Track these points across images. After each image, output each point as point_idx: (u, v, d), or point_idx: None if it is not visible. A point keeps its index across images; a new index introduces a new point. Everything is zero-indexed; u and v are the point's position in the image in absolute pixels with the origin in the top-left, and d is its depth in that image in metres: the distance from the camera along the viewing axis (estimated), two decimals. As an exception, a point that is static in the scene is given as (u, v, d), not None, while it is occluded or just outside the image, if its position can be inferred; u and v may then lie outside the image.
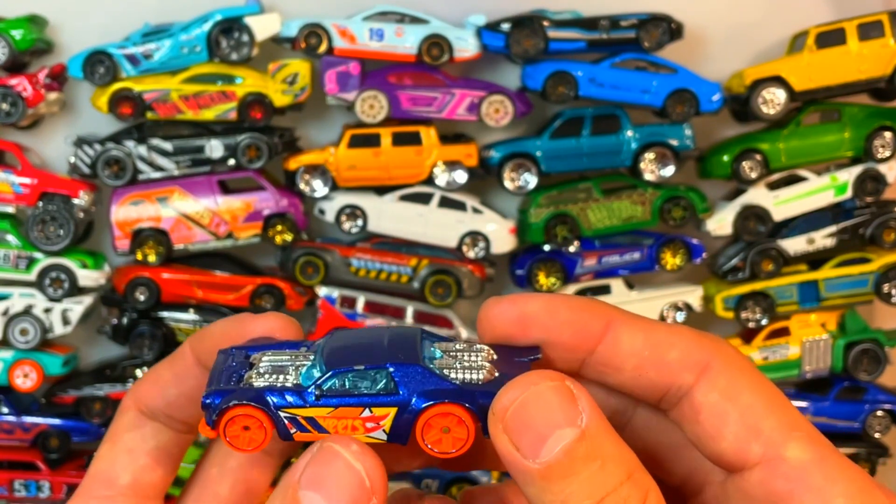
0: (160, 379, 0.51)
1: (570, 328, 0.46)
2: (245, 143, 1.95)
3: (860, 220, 2.06)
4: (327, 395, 0.44)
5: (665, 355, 0.45)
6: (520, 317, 0.46)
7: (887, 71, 1.98)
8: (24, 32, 1.88)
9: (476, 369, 0.46)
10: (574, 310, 0.46)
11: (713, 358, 0.46)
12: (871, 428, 2.10)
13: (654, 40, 1.96)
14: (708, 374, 0.45)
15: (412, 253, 2.03)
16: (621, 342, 0.46)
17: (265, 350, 0.49)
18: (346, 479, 0.40)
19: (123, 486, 0.48)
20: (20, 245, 1.94)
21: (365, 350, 0.46)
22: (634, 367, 0.46)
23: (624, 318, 0.47)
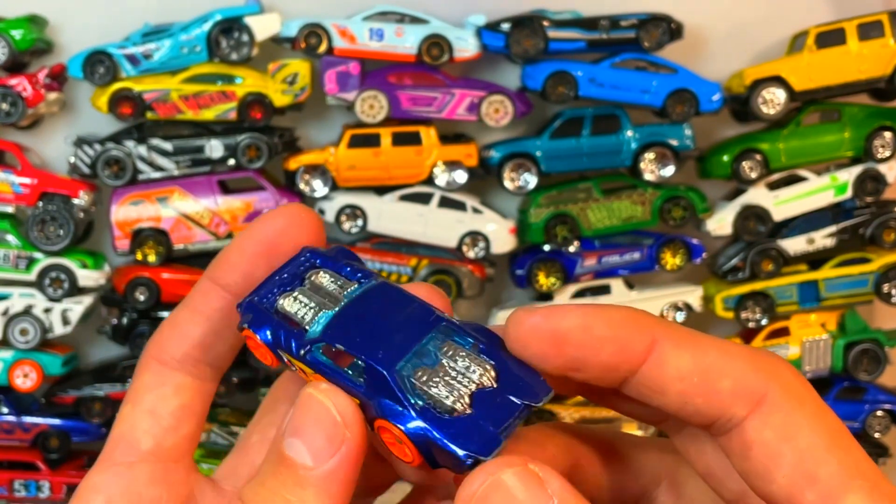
0: (179, 321, 0.47)
1: (609, 347, 0.41)
2: (245, 143, 1.95)
3: (860, 220, 2.06)
4: (313, 357, 0.44)
5: (715, 384, 0.41)
6: (553, 334, 0.42)
7: (887, 71, 1.98)
8: (24, 32, 1.88)
9: (456, 397, 0.42)
10: (614, 326, 0.41)
11: (770, 388, 0.41)
12: (871, 428, 2.10)
13: (654, 40, 1.96)
14: (762, 407, 0.40)
15: (412, 253, 2.03)
16: (667, 365, 0.41)
17: (328, 268, 0.46)
18: (319, 418, 0.40)
19: (146, 451, 0.45)
20: (20, 245, 1.94)
21: (369, 326, 0.44)
22: (680, 392, 0.41)
23: (671, 336, 0.41)
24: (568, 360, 0.42)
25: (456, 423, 0.41)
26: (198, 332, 0.46)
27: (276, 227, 0.46)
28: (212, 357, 0.47)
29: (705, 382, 0.41)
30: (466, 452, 0.40)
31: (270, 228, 0.46)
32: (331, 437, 0.40)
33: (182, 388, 0.46)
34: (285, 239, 0.46)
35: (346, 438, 0.41)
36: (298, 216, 0.46)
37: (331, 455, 0.40)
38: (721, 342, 0.42)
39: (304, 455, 0.40)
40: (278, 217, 0.46)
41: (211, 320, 0.46)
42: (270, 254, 0.46)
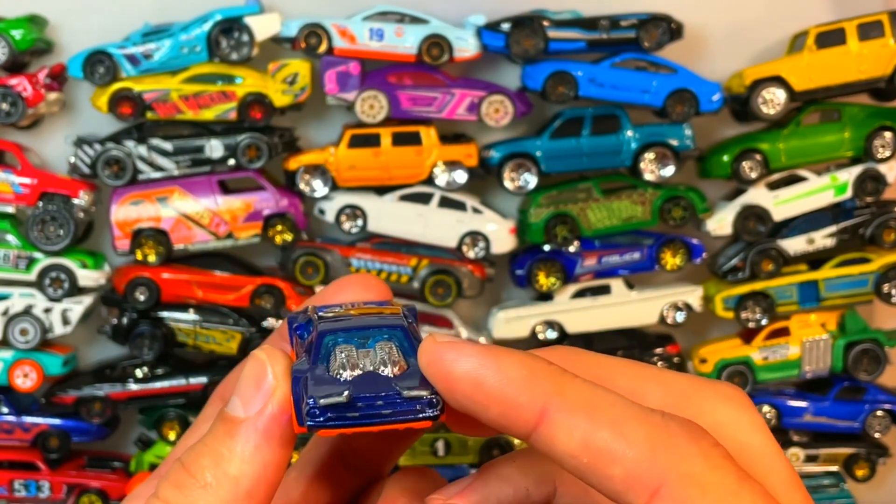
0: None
1: (496, 408, 0.38)
2: (245, 143, 1.95)
3: (860, 220, 2.06)
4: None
5: (606, 469, 0.37)
6: (445, 377, 0.39)
7: (887, 71, 1.98)
8: (24, 32, 1.88)
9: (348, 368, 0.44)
10: (503, 384, 0.38)
11: (666, 479, 0.36)
12: (871, 428, 2.10)
13: (654, 40, 1.96)
14: (658, 501, 0.36)
15: (412, 253, 2.03)
16: (556, 439, 0.37)
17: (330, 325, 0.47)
18: (254, 372, 0.41)
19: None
20: (20, 245, 1.94)
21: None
22: (572, 468, 0.38)
23: (563, 405, 0.37)
24: (460, 406, 0.39)
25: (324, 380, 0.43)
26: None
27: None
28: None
29: (595, 465, 0.37)
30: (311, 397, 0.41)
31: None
32: (262, 389, 0.41)
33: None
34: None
35: (274, 391, 0.41)
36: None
37: (260, 405, 0.41)
38: (624, 412, 0.38)
39: (238, 408, 0.41)
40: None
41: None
42: None
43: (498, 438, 2.05)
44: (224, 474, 0.40)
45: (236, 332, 2.01)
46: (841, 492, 2.13)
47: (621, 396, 0.38)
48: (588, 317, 2.07)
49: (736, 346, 2.09)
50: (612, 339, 2.09)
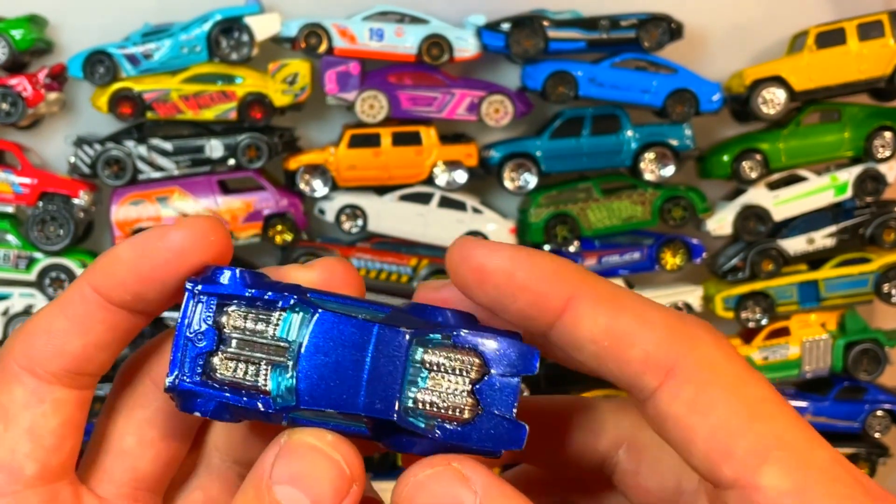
0: (55, 331, 0.41)
1: (525, 296, 0.40)
2: (245, 143, 1.95)
3: (860, 220, 2.06)
4: (294, 418, 0.41)
5: (625, 351, 0.39)
6: (478, 269, 0.40)
7: (887, 71, 1.98)
8: (24, 32, 1.88)
9: (462, 404, 0.41)
10: (535, 275, 0.39)
11: (681, 359, 0.38)
12: (871, 428, 2.10)
13: (654, 40, 1.96)
14: (672, 379, 0.38)
15: (412, 253, 2.03)
16: (580, 324, 0.39)
17: (233, 298, 0.42)
18: (324, 469, 0.38)
19: (31, 476, 0.40)
20: (20, 245, 1.94)
21: (342, 372, 0.41)
22: (593, 353, 0.39)
23: (590, 294, 0.39)
24: (488, 298, 0.41)
25: (476, 427, 0.40)
26: (78, 345, 0.41)
27: (175, 244, 0.40)
28: (92, 368, 0.42)
29: (616, 348, 0.39)
30: (502, 449, 0.41)
31: (168, 245, 0.40)
32: (338, 489, 0.38)
33: (62, 402, 0.41)
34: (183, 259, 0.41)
35: (352, 492, 0.39)
36: (203, 232, 0.41)
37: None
38: (644, 305, 0.40)
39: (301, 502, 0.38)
40: (178, 232, 0.41)
41: (93, 332, 0.41)
42: (165, 275, 0.41)
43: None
44: None
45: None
46: (841, 492, 2.13)
47: (639, 294, 0.41)
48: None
49: (736, 346, 2.09)
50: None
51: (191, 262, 0.41)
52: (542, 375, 2.08)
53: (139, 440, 0.44)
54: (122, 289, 0.40)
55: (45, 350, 0.41)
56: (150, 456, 0.44)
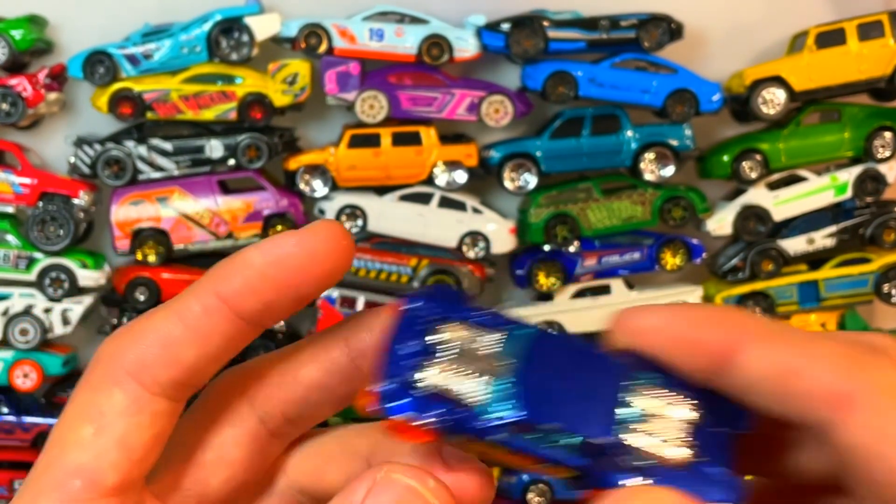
0: (172, 340, 0.38)
1: (687, 348, 0.38)
2: (245, 143, 1.95)
3: (860, 220, 2.06)
4: (511, 440, 0.38)
5: (795, 385, 0.37)
6: (639, 332, 0.39)
7: (887, 71, 1.98)
8: (24, 32, 1.88)
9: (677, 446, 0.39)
10: (695, 326, 0.38)
11: (860, 386, 0.36)
12: (871, 428, 2.10)
13: (654, 40, 1.96)
14: (853, 409, 0.35)
15: (412, 253, 2.03)
16: (748, 366, 0.37)
17: (452, 319, 0.40)
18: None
19: (109, 487, 0.38)
20: (20, 245, 1.94)
21: (559, 391, 0.39)
22: (764, 394, 0.38)
23: (753, 336, 0.38)
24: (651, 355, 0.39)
25: (690, 475, 0.39)
26: (192, 356, 0.39)
27: (309, 248, 0.38)
28: (199, 380, 0.40)
29: (786, 384, 0.37)
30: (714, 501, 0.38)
31: (303, 250, 0.38)
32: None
33: (159, 415, 0.39)
34: (316, 265, 0.39)
35: None
36: (335, 237, 0.39)
37: None
38: (813, 337, 0.38)
39: None
40: (311, 237, 0.38)
41: (211, 344, 0.39)
42: (300, 282, 0.39)
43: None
44: None
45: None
46: (841, 492, 2.13)
47: (807, 330, 0.40)
48: (588, 317, 2.07)
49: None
50: (612, 339, 2.09)
51: (324, 267, 0.39)
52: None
53: (219, 457, 0.42)
54: (255, 298, 0.38)
55: (159, 358, 0.38)
56: (225, 475, 0.42)
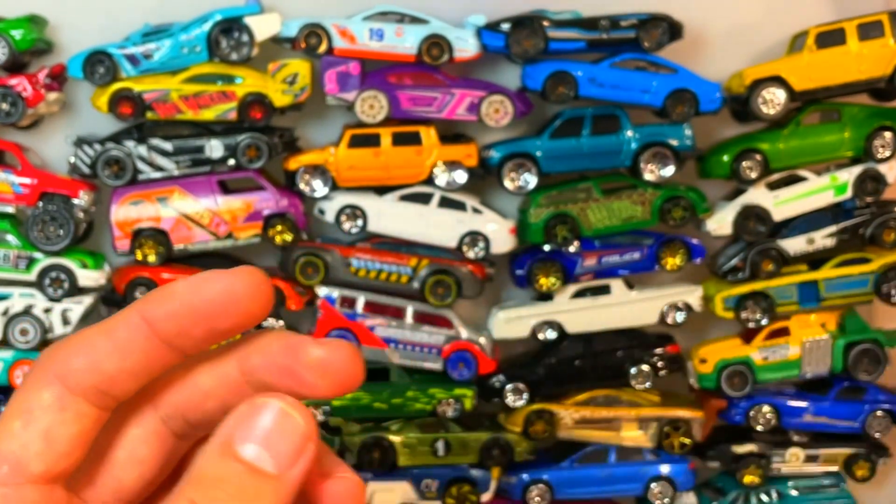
0: (96, 351, 0.44)
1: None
2: (245, 143, 1.95)
3: (860, 220, 2.06)
4: None
5: None
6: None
7: (887, 71, 1.98)
8: (24, 32, 1.88)
9: None
10: None
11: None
12: (871, 428, 2.10)
13: (654, 40, 1.96)
14: None
15: (412, 253, 2.03)
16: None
17: None
18: (286, 427, 0.41)
19: (34, 474, 0.43)
20: (20, 245, 1.94)
21: None
22: None
23: None
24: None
25: None
26: (114, 367, 0.44)
27: (230, 290, 0.44)
28: (119, 391, 0.45)
29: None
30: None
31: (224, 291, 0.44)
32: (298, 447, 0.41)
33: (82, 415, 0.44)
34: (235, 307, 0.44)
35: (308, 448, 0.42)
36: (253, 283, 0.44)
37: (293, 464, 0.41)
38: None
39: (268, 462, 0.41)
40: (233, 280, 0.44)
41: (131, 358, 0.44)
42: (214, 317, 0.44)
43: (498, 438, 2.05)
44: None
45: (236, 332, 2.00)
46: (841, 492, 2.13)
47: None
48: (588, 317, 2.07)
49: (736, 346, 2.09)
50: (612, 339, 2.09)
51: (240, 308, 0.44)
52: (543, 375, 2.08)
53: (130, 454, 0.46)
54: (171, 322, 0.44)
55: (82, 364, 0.44)
56: (137, 472, 0.46)
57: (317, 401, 2.05)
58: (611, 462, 2.10)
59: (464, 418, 2.07)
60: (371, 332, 2.03)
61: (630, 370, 2.08)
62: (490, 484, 2.07)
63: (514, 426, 2.07)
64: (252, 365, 0.45)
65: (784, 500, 2.13)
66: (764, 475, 2.09)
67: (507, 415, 2.09)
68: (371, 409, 2.05)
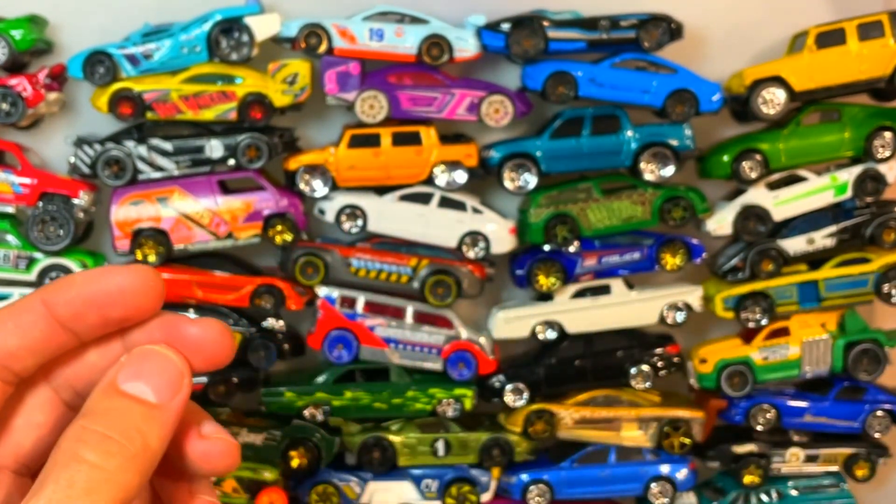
0: (1, 329, 0.49)
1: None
2: (245, 143, 1.95)
3: (860, 220, 2.06)
4: None
5: None
6: None
7: (887, 71, 1.98)
8: (24, 32, 1.88)
9: None
10: None
11: None
12: (871, 428, 2.10)
13: (654, 40, 1.96)
14: None
15: (412, 253, 2.03)
16: None
17: None
18: (163, 365, 0.48)
19: None
20: (20, 245, 1.94)
21: None
22: None
23: None
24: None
25: None
26: (13, 343, 0.49)
27: (122, 284, 0.49)
28: (18, 366, 0.50)
29: None
30: None
31: (115, 282, 0.49)
32: (174, 381, 0.48)
33: None
34: (126, 299, 0.49)
35: (185, 383, 0.49)
36: (145, 280, 0.49)
37: (173, 396, 0.48)
38: None
39: (149, 394, 0.47)
40: (128, 276, 0.49)
41: (29, 338, 0.49)
42: (106, 306, 0.49)
43: (498, 438, 2.05)
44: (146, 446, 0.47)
45: (236, 332, 2.01)
46: (841, 492, 2.13)
47: None
48: (588, 317, 2.07)
49: (736, 346, 2.09)
50: (612, 339, 2.09)
51: (130, 300, 0.49)
52: (543, 375, 2.08)
53: (27, 421, 0.51)
54: (67, 306, 0.49)
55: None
56: (34, 436, 0.51)
57: (317, 401, 2.06)
58: (611, 462, 2.10)
59: (464, 418, 2.07)
60: (371, 332, 2.03)
61: (630, 370, 2.08)
62: (490, 484, 2.07)
63: (514, 426, 2.07)
64: (133, 340, 0.50)
65: (784, 500, 2.13)
66: (764, 475, 2.09)
67: (507, 415, 2.09)
68: (371, 409, 2.05)
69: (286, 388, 2.04)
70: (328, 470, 2.05)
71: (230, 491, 2.00)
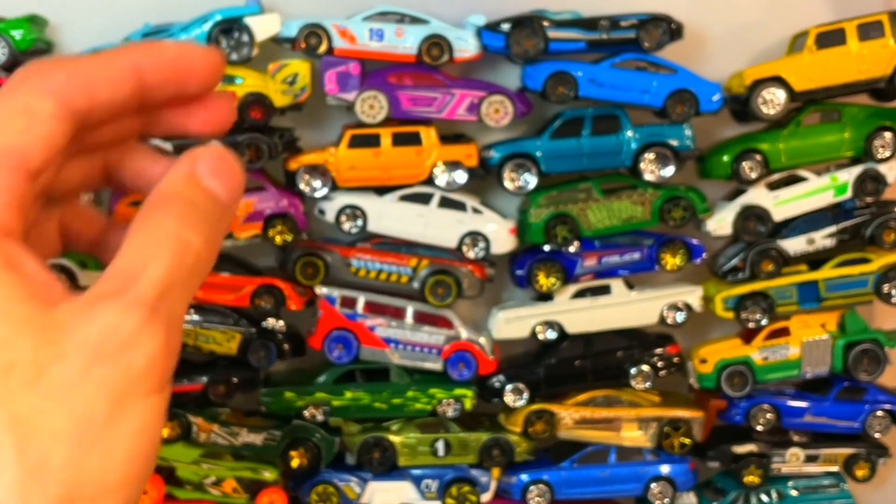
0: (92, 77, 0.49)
1: None
2: (245, 144, 1.95)
3: (860, 220, 2.06)
4: None
5: None
6: None
7: (887, 71, 1.98)
8: (24, 32, 1.88)
9: None
10: None
11: None
12: (871, 428, 2.10)
13: (653, 40, 1.96)
14: None
15: (412, 253, 2.03)
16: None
17: None
18: (233, 169, 0.52)
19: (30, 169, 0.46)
20: (20, 245, 1.94)
21: None
22: None
23: None
24: None
25: None
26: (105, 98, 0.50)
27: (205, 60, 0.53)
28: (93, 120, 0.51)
29: None
30: None
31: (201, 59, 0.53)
32: (239, 186, 0.52)
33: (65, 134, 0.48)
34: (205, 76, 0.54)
35: (242, 192, 0.52)
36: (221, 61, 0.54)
37: (236, 199, 0.51)
38: None
39: (223, 193, 0.51)
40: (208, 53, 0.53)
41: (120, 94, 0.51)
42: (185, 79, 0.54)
43: (498, 438, 2.05)
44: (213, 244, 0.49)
45: (236, 332, 2.01)
46: (841, 492, 2.13)
47: None
48: (588, 317, 2.07)
49: (736, 346, 2.09)
50: (612, 340, 2.09)
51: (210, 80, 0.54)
52: (543, 375, 2.08)
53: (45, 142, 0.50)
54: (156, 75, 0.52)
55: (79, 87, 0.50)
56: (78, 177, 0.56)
57: (317, 401, 2.06)
58: (611, 462, 2.10)
59: (464, 418, 2.07)
60: (371, 332, 2.03)
61: (630, 370, 2.08)
62: (490, 484, 2.07)
63: (514, 426, 2.07)
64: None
65: (784, 500, 2.13)
66: (764, 475, 2.10)
67: (507, 415, 2.09)
68: (371, 409, 2.05)
69: (286, 388, 2.04)
70: (328, 470, 2.05)
71: (230, 491, 2.00)
